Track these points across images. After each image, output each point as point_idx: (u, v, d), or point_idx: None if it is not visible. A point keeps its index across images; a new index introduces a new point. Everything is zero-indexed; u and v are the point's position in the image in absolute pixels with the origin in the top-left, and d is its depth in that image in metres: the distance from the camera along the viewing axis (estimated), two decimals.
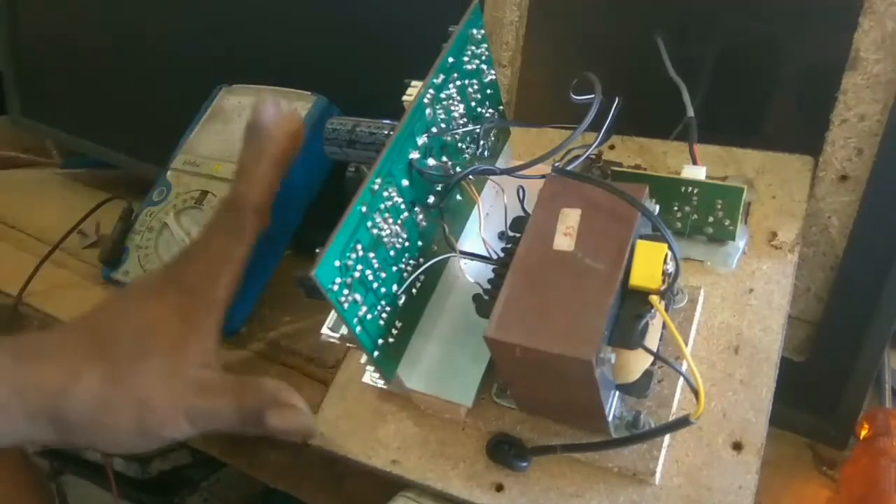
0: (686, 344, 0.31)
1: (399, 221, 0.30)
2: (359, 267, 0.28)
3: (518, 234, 0.30)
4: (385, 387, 0.34)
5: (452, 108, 0.32)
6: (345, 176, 0.38)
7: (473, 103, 0.34)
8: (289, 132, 0.39)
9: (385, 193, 0.29)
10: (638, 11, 0.42)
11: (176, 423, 0.32)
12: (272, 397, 0.32)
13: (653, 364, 0.29)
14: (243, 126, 0.55)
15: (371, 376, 0.35)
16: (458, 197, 0.33)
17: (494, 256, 0.31)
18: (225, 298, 0.35)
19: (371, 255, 0.28)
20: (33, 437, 0.32)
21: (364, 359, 0.32)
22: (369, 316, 0.29)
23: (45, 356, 0.32)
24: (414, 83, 0.32)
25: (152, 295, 0.35)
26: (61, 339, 0.34)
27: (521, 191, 0.32)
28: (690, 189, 0.33)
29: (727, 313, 0.32)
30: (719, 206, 0.33)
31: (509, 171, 0.32)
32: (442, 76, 0.31)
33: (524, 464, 0.31)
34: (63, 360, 0.32)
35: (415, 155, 0.30)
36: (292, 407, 0.32)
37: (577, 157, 0.34)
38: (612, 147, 0.39)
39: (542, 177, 0.31)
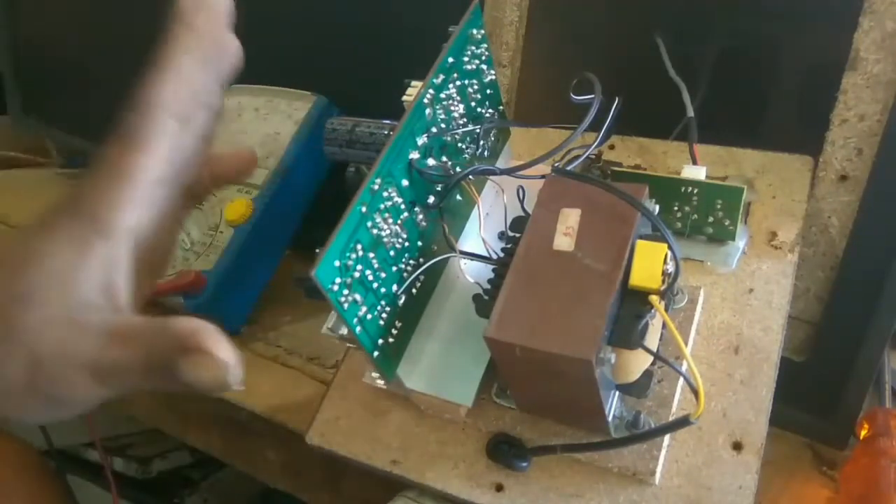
0: (686, 344, 0.31)
1: (399, 221, 0.30)
2: (359, 267, 0.28)
3: (518, 234, 0.30)
4: (385, 387, 0.34)
5: (452, 108, 0.32)
6: (345, 176, 0.38)
7: (473, 103, 0.34)
8: (200, 4, 0.30)
9: (385, 193, 0.29)
10: (638, 12, 0.42)
11: (78, 382, 0.25)
12: (181, 343, 0.25)
13: (653, 364, 0.29)
14: (243, 126, 0.56)
15: (371, 376, 0.35)
16: (458, 197, 0.33)
17: (494, 256, 0.31)
18: (131, 224, 0.27)
19: (371, 255, 0.28)
20: None
21: (364, 359, 0.32)
22: (369, 316, 0.29)
23: None
24: (414, 83, 0.32)
25: (41, 225, 0.27)
26: None
27: (521, 191, 0.32)
28: (690, 189, 0.33)
29: (727, 313, 0.32)
30: (719, 206, 0.33)
31: (509, 171, 0.32)
32: (442, 76, 0.31)
33: (524, 464, 0.31)
34: None
35: (415, 155, 0.30)
36: (203, 353, 0.24)
37: (577, 157, 0.34)
38: (612, 147, 0.39)
39: (542, 177, 0.31)
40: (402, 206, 0.30)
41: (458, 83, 0.32)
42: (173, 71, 0.28)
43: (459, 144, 0.33)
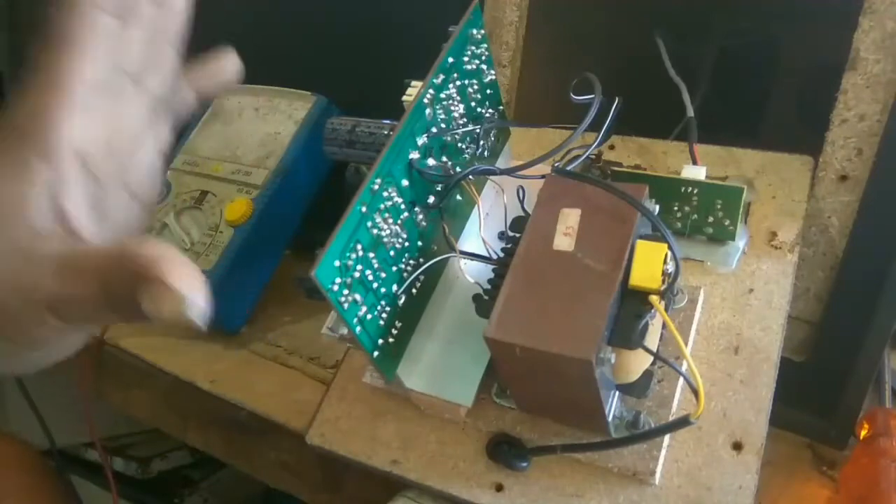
0: (686, 344, 0.31)
1: (399, 221, 0.30)
2: (359, 267, 0.28)
3: (518, 234, 0.30)
4: (385, 387, 0.34)
5: (452, 108, 0.32)
6: (345, 176, 0.38)
7: (473, 103, 0.34)
8: None
9: (385, 193, 0.29)
10: (638, 12, 0.42)
11: (37, 319, 0.23)
12: (138, 272, 0.22)
13: (653, 364, 0.29)
14: (243, 126, 0.56)
15: (371, 376, 0.35)
16: (458, 197, 0.33)
17: (494, 256, 0.31)
18: (74, 138, 0.24)
19: (371, 255, 0.28)
20: None
21: (364, 359, 0.32)
22: (369, 316, 0.29)
23: None
24: (414, 83, 0.32)
25: None
26: None
27: (521, 191, 0.32)
28: (690, 189, 0.33)
29: (727, 313, 0.32)
30: (719, 206, 0.33)
31: (509, 171, 0.32)
32: (442, 76, 0.31)
33: (524, 464, 0.31)
34: None
35: (415, 155, 0.30)
36: (160, 285, 0.21)
37: (577, 157, 0.34)
38: (612, 147, 0.39)
39: (542, 177, 0.31)
40: (402, 206, 0.30)
41: (458, 83, 0.32)
42: None
43: (459, 144, 0.33)
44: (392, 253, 0.30)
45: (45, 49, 0.24)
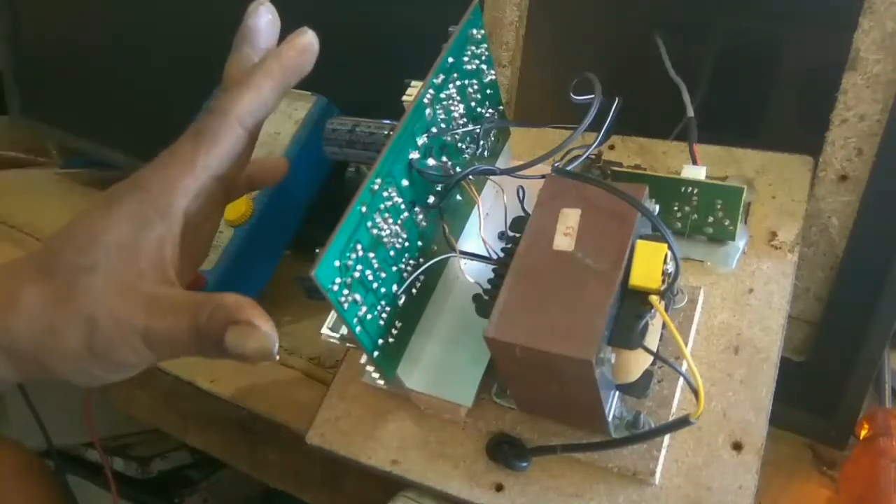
0: (686, 344, 0.31)
1: (399, 221, 0.30)
2: (359, 267, 0.28)
3: (518, 234, 0.30)
4: (385, 387, 0.34)
5: (452, 108, 0.32)
6: (345, 176, 0.38)
7: (473, 103, 0.34)
8: (295, 44, 0.34)
9: (385, 193, 0.29)
10: (638, 12, 0.42)
11: (130, 345, 0.28)
12: (230, 315, 0.28)
13: (653, 364, 0.29)
14: None
15: (371, 376, 0.35)
16: (458, 197, 0.33)
17: (494, 256, 0.31)
18: (183, 208, 0.30)
19: (371, 255, 0.28)
20: None
21: (364, 359, 0.32)
22: (369, 316, 0.29)
23: None
24: (414, 83, 0.32)
25: (107, 203, 0.30)
26: (2, 268, 0.30)
27: (521, 191, 0.32)
28: (690, 189, 0.33)
29: (727, 313, 0.32)
30: (719, 206, 0.33)
31: (509, 171, 0.32)
32: (442, 76, 0.31)
33: (524, 464, 0.31)
34: (1, 286, 0.29)
35: (415, 155, 0.30)
36: (250, 325, 0.27)
37: (577, 157, 0.34)
38: (612, 147, 0.39)
39: (542, 177, 0.31)
40: (402, 206, 0.30)
41: (458, 83, 0.32)
42: (255, 91, 0.31)
43: (459, 144, 0.33)
44: (392, 253, 0.30)
45: (192, 140, 0.30)
